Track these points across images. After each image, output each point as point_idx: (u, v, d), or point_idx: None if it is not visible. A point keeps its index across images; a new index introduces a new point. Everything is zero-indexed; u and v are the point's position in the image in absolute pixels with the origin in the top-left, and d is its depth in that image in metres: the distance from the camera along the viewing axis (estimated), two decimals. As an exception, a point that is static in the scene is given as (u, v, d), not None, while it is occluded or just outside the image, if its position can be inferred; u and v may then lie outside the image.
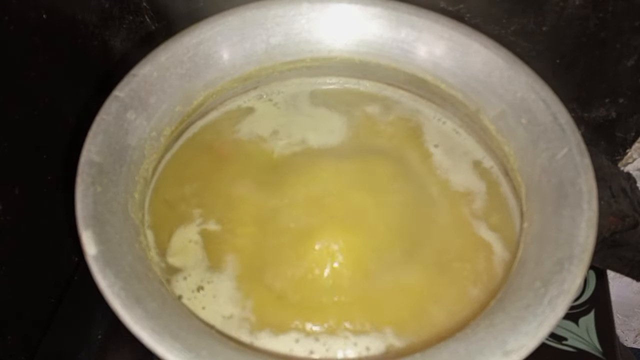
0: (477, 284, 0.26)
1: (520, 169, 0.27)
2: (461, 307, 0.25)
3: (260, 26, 0.30)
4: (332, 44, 0.31)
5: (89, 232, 0.21)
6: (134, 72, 0.26)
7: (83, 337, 0.34)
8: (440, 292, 0.26)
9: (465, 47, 0.29)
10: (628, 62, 0.38)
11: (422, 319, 0.25)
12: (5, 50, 0.28)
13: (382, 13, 0.30)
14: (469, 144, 0.31)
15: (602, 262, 0.35)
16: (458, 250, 0.27)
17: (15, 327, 0.32)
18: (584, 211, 0.22)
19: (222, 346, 0.20)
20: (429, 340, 0.24)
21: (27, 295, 0.33)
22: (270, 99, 0.33)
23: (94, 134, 0.24)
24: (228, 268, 0.26)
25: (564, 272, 0.21)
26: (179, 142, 0.30)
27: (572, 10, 0.35)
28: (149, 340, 0.19)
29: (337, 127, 0.32)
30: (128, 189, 0.24)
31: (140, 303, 0.20)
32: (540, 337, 0.20)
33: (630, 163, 0.46)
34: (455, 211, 0.29)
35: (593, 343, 0.36)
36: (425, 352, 0.20)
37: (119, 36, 0.38)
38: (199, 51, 0.28)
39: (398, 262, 0.26)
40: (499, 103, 0.28)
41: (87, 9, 0.34)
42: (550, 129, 0.25)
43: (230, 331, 0.24)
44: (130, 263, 0.21)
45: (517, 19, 0.37)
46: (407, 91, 0.33)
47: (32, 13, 0.29)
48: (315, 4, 0.30)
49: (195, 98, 0.29)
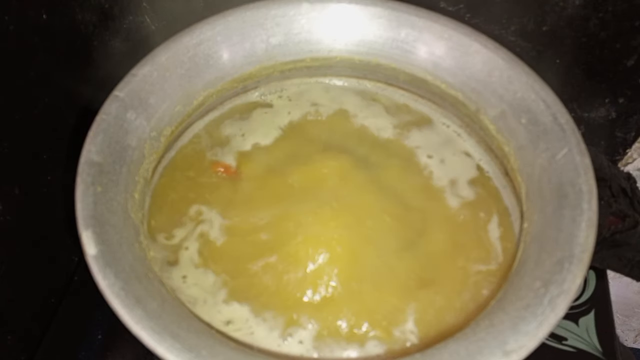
0: (477, 284, 0.26)
1: (520, 169, 0.27)
2: (461, 308, 0.25)
3: (260, 26, 0.30)
4: (332, 44, 0.31)
5: (89, 232, 0.21)
6: (134, 72, 0.26)
7: (83, 337, 0.34)
8: (441, 292, 0.26)
9: (465, 47, 0.29)
10: (628, 62, 0.38)
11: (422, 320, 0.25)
12: (5, 50, 0.28)
13: (382, 13, 0.30)
14: (468, 144, 0.31)
15: (602, 262, 0.35)
16: (458, 250, 0.27)
17: (15, 327, 0.32)
18: (584, 211, 0.22)
19: (222, 346, 0.20)
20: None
21: (27, 295, 0.33)
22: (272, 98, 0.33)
23: (94, 134, 0.24)
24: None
25: (564, 272, 0.21)
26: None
27: (572, 10, 0.35)
28: (149, 340, 0.19)
29: (335, 127, 0.32)
30: (128, 189, 0.24)
31: (140, 303, 0.20)
32: (540, 337, 0.20)
33: (630, 163, 0.46)
34: (455, 211, 0.29)
35: (593, 343, 0.36)
36: (425, 352, 0.20)
37: (119, 36, 0.38)
38: (199, 51, 0.28)
39: (396, 261, 0.26)
40: (499, 103, 0.28)
41: (87, 9, 0.34)
42: (550, 129, 0.25)
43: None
44: (130, 263, 0.21)
45: (517, 19, 0.37)
46: (407, 91, 0.33)
47: (32, 13, 0.29)
48: (315, 4, 0.30)
49: (195, 98, 0.29)
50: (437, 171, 0.30)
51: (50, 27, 0.31)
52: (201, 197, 0.28)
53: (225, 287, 0.25)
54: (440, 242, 0.27)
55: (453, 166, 0.30)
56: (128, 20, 0.39)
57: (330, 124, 0.32)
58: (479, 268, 0.26)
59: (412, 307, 0.25)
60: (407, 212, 0.28)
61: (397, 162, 0.30)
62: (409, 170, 0.30)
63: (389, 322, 0.25)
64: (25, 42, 0.29)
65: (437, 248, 0.27)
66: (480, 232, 0.28)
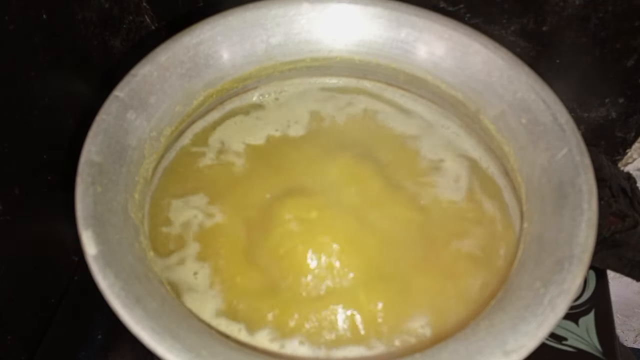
0: (477, 284, 0.26)
1: (520, 169, 0.27)
2: (463, 309, 0.25)
3: (260, 26, 0.30)
4: (332, 44, 0.31)
5: (89, 232, 0.21)
6: (134, 72, 0.26)
7: (83, 337, 0.34)
8: (442, 292, 0.26)
9: (465, 47, 0.29)
10: (628, 62, 0.38)
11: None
12: (5, 50, 0.28)
13: (382, 13, 0.30)
14: (468, 144, 0.31)
15: (602, 262, 0.35)
16: (457, 250, 0.27)
17: (15, 327, 0.32)
18: (584, 211, 0.22)
19: (222, 346, 0.20)
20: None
21: (27, 295, 0.33)
22: (271, 98, 0.33)
23: (94, 134, 0.24)
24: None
25: (564, 272, 0.21)
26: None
27: (572, 10, 0.35)
28: (149, 341, 0.19)
29: (334, 127, 0.32)
30: (128, 189, 0.24)
31: (140, 303, 0.20)
32: (540, 337, 0.20)
33: (630, 163, 0.46)
34: (454, 211, 0.29)
35: (593, 343, 0.36)
36: (425, 352, 0.20)
37: (119, 36, 0.38)
38: (199, 51, 0.28)
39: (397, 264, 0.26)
40: (499, 103, 0.28)
41: (87, 9, 0.34)
42: (550, 129, 0.25)
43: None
44: (130, 263, 0.21)
45: (517, 19, 0.37)
46: (407, 91, 0.33)
47: (32, 13, 0.29)
48: (315, 4, 0.30)
49: (195, 98, 0.29)
50: (436, 171, 0.30)
51: (50, 27, 0.31)
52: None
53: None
54: (439, 244, 0.27)
55: (452, 166, 0.30)
56: (128, 20, 0.39)
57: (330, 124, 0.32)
58: (479, 267, 0.26)
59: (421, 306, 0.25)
60: (407, 212, 0.28)
61: (398, 160, 0.30)
62: (410, 169, 0.30)
63: (392, 322, 0.25)
64: (25, 42, 0.29)
65: (438, 248, 0.27)
66: (479, 232, 0.28)
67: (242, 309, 0.25)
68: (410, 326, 0.25)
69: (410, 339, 0.24)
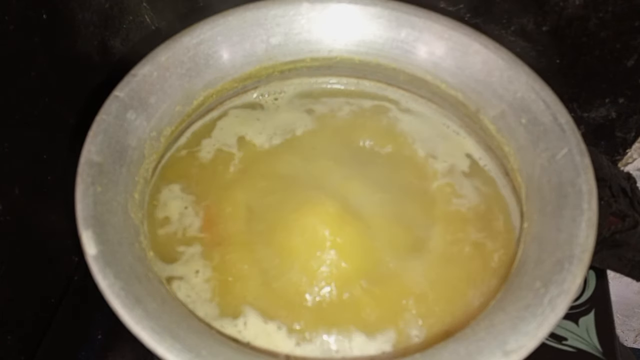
0: (477, 284, 0.26)
1: (520, 169, 0.27)
2: (460, 307, 0.25)
3: (260, 26, 0.30)
4: (332, 44, 0.31)
5: (89, 232, 0.21)
6: (134, 72, 0.26)
7: (83, 337, 0.34)
8: (441, 292, 0.26)
9: (465, 47, 0.29)
10: (628, 62, 0.38)
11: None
12: (5, 50, 0.28)
13: (382, 13, 0.30)
14: (468, 144, 0.31)
15: (602, 262, 0.35)
16: (457, 250, 0.27)
17: (15, 327, 0.32)
18: (584, 211, 0.22)
19: (222, 346, 0.20)
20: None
21: (27, 295, 0.33)
22: (271, 98, 0.33)
23: (94, 134, 0.24)
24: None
25: (564, 272, 0.21)
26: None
27: (572, 10, 0.35)
28: (149, 341, 0.19)
29: (334, 127, 0.32)
30: (128, 189, 0.24)
31: (140, 303, 0.20)
32: (540, 337, 0.20)
33: (630, 163, 0.46)
34: (454, 212, 0.29)
35: (593, 343, 0.36)
36: (425, 352, 0.20)
37: (119, 36, 0.38)
38: (199, 51, 0.28)
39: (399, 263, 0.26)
40: (499, 103, 0.28)
41: (87, 9, 0.34)
42: (550, 129, 0.25)
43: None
44: (130, 263, 0.21)
45: (517, 19, 0.37)
46: (407, 91, 0.33)
47: (32, 13, 0.29)
48: (315, 4, 0.30)
49: (195, 98, 0.29)
50: (435, 171, 0.30)
51: (50, 27, 0.31)
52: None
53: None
54: (441, 241, 0.27)
55: (452, 166, 0.30)
56: (128, 20, 0.39)
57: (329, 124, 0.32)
58: (478, 268, 0.26)
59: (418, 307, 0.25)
60: (407, 211, 0.28)
61: (397, 161, 0.30)
62: (408, 170, 0.30)
63: (394, 321, 0.25)
64: (25, 42, 0.29)
65: (439, 247, 0.27)
66: (479, 232, 0.28)
67: (243, 309, 0.25)
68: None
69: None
